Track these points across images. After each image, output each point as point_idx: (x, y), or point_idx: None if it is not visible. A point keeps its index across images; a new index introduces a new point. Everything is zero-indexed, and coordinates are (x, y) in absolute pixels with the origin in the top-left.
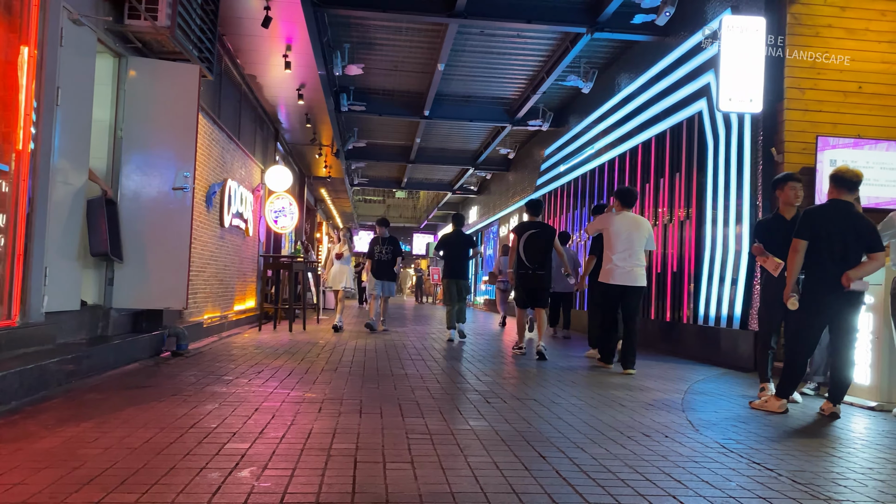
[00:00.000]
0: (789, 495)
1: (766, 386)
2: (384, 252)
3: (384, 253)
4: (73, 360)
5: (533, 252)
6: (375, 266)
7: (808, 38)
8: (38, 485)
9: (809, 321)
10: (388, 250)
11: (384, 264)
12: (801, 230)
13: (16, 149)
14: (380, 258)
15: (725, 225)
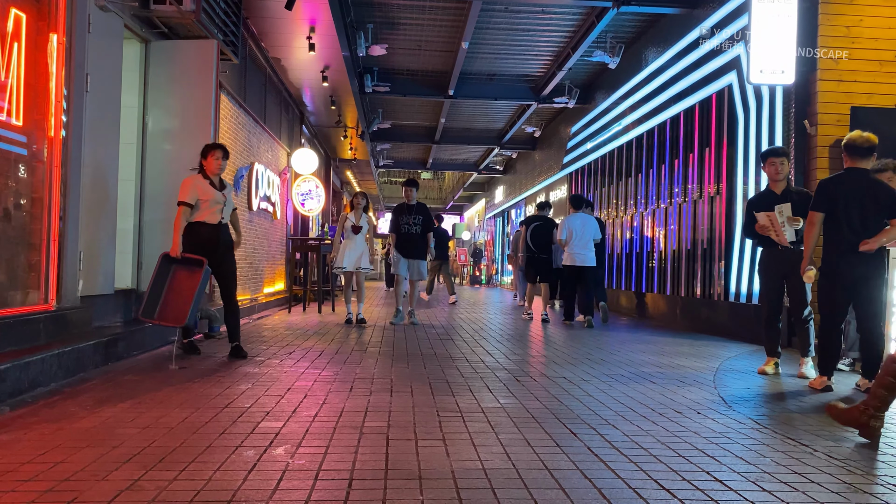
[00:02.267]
0: (825, 471)
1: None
2: (412, 223)
3: (412, 224)
4: (109, 342)
5: (538, 239)
6: (401, 242)
7: (842, 6)
8: (79, 463)
9: (832, 294)
10: (416, 221)
11: (412, 239)
12: (817, 202)
13: (48, 136)
14: (407, 231)
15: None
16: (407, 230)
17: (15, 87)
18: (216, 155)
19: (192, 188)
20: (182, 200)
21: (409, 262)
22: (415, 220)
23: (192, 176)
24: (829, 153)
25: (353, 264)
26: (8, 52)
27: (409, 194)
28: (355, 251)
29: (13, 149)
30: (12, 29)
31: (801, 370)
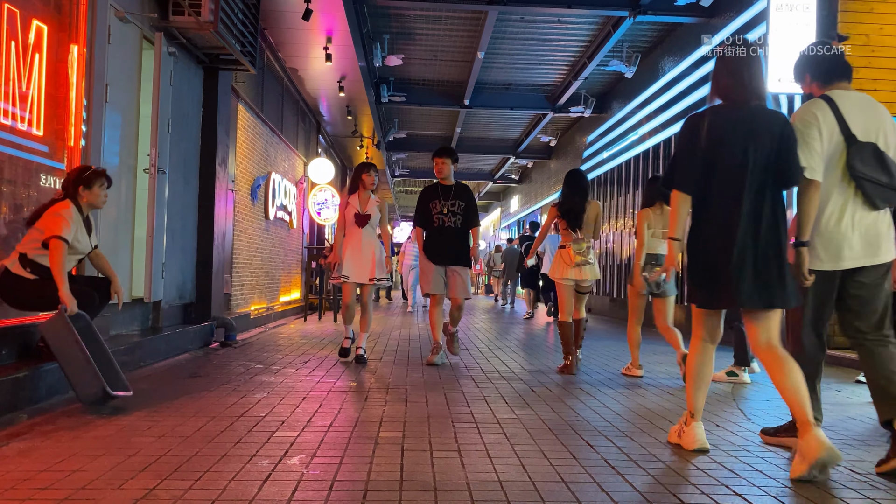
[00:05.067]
0: (848, 485)
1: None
2: (449, 212)
3: (449, 213)
4: (126, 350)
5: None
6: (432, 241)
7: (862, 15)
8: (95, 472)
9: None
10: (455, 209)
11: (449, 236)
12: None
13: (68, 146)
14: (441, 224)
15: None
16: (441, 222)
17: (36, 97)
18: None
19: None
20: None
21: (445, 272)
22: (453, 208)
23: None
24: None
25: (359, 273)
26: (29, 63)
27: (444, 168)
28: (361, 253)
29: (34, 158)
30: (34, 40)
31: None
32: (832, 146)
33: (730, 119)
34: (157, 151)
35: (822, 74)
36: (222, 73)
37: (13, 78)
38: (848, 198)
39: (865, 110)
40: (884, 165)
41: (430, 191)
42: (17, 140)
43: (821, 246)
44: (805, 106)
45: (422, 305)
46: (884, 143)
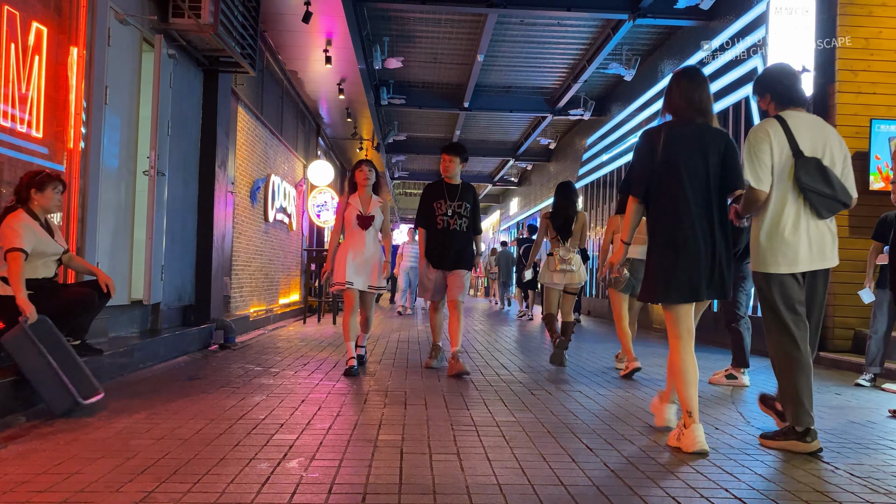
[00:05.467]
0: (847, 489)
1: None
2: (454, 213)
3: (455, 215)
4: (125, 353)
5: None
6: (435, 242)
7: (861, 18)
8: (94, 474)
9: None
10: (460, 209)
11: (453, 239)
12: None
13: (67, 148)
14: (445, 226)
15: None
16: (445, 224)
17: (36, 99)
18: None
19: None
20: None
21: (447, 276)
22: (459, 209)
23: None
24: None
25: (360, 279)
26: (29, 65)
27: (452, 166)
28: (362, 257)
29: (34, 160)
30: (34, 42)
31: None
32: (783, 160)
33: (681, 134)
34: (156, 153)
35: (782, 98)
36: (222, 76)
37: (13, 80)
38: (800, 208)
39: (813, 130)
40: (826, 179)
41: (434, 189)
42: (16, 142)
43: (780, 252)
44: (760, 124)
45: (421, 308)
46: (829, 160)
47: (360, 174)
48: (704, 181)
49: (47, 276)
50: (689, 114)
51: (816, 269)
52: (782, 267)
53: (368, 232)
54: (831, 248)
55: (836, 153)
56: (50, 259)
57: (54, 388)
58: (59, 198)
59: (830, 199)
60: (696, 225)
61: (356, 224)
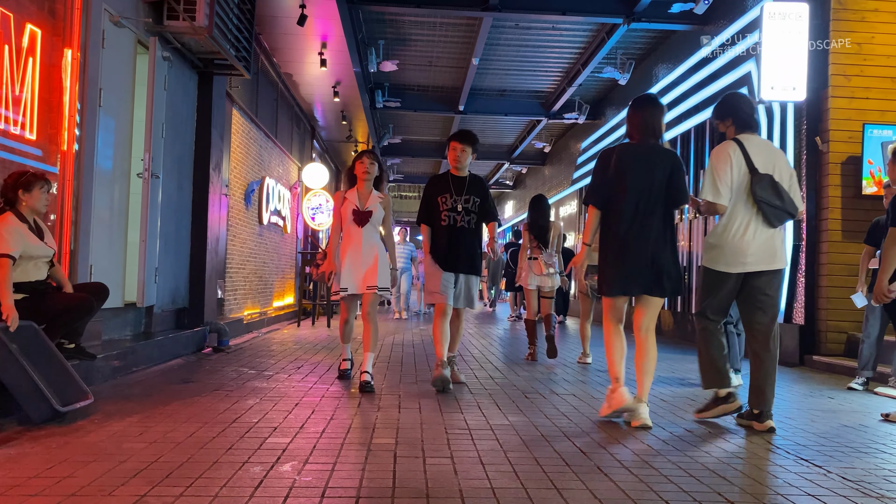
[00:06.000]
0: (840, 493)
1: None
2: (462, 209)
3: (462, 212)
4: (118, 356)
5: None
6: (441, 242)
7: (854, 23)
8: (86, 478)
9: None
10: (469, 205)
11: (460, 238)
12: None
13: (61, 150)
14: (451, 223)
15: None
16: (451, 220)
17: (29, 101)
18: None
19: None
20: (4, 253)
21: (454, 280)
22: (467, 205)
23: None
24: (841, 170)
25: (359, 281)
26: (23, 68)
27: (462, 156)
28: (361, 258)
29: (28, 162)
30: (27, 44)
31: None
32: (741, 177)
33: (634, 153)
34: (150, 156)
35: (742, 123)
36: (217, 78)
37: (6, 82)
38: (751, 217)
39: (765, 151)
40: (777, 193)
41: (439, 182)
42: (10, 144)
43: (729, 254)
44: (722, 146)
45: (414, 311)
46: (778, 176)
47: (359, 166)
48: (651, 195)
49: (40, 278)
50: (643, 136)
51: (765, 270)
52: (730, 267)
53: (366, 229)
54: (780, 253)
55: (784, 171)
56: (41, 261)
57: (31, 395)
58: (46, 197)
59: (780, 211)
60: (640, 233)
61: (352, 220)
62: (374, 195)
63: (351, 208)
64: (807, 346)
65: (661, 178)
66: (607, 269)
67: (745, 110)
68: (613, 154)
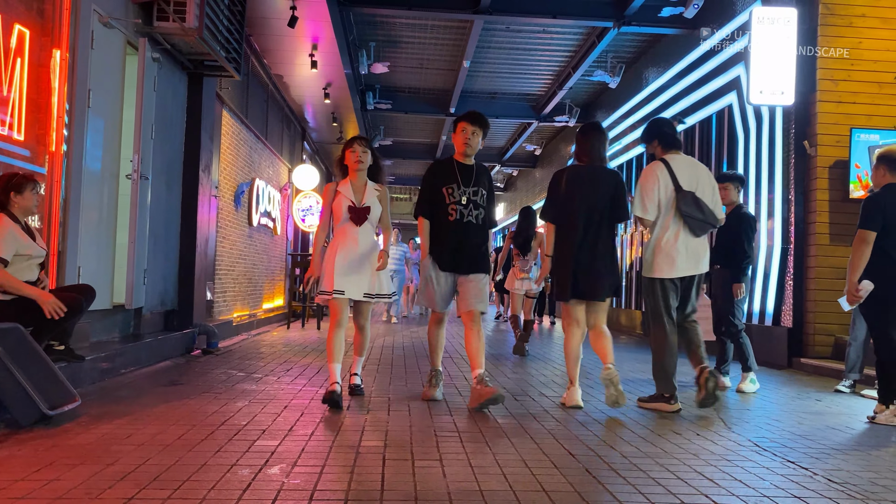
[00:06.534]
0: (825, 495)
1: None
2: (470, 203)
3: (470, 206)
4: (106, 358)
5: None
6: (444, 239)
7: (841, 29)
8: (73, 480)
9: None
10: (475, 198)
11: (464, 234)
12: (872, 220)
13: (49, 151)
14: (458, 219)
15: (757, 220)
16: (458, 215)
17: (17, 102)
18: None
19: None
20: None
21: (460, 282)
22: (475, 197)
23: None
24: (828, 174)
25: (357, 286)
26: (11, 68)
27: (472, 140)
28: (356, 258)
29: (16, 163)
30: (15, 45)
31: (739, 385)
32: (668, 194)
33: (582, 174)
34: (140, 157)
35: (667, 144)
36: (207, 80)
37: None
38: (679, 228)
39: (689, 169)
40: (699, 207)
41: (442, 170)
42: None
43: (664, 262)
44: (651, 167)
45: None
46: (701, 192)
47: (351, 155)
48: (595, 212)
49: (31, 279)
50: (591, 159)
51: (692, 275)
52: (665, 273)
53: (363, 228)
54: (704, 259)
55: (706, 186)
56: (34, 262)
57: (18, 398)
58: (36, 198)
59: (702, 222)
60: (589, 246)
61: (347, 218)
62: (371, 188)
63: (346, 204)
64: (794, 348)
65: (605, 196)
66: (561, 277)
67: (667, 132)
68: (564, 175)
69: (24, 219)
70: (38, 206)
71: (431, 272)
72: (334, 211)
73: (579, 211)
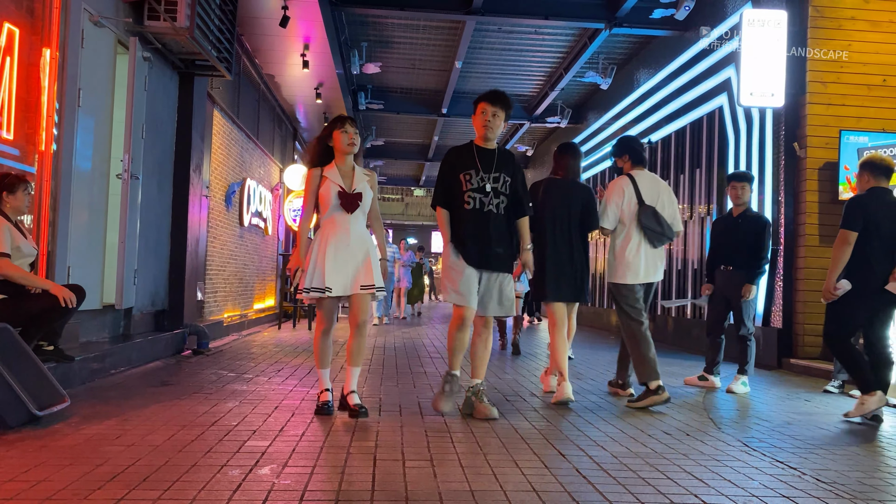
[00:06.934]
0: (814, 494)
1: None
2: (491, 191)
3: (491, 194)
4: (96, 358)
5: None
6: (464, 229)
7: (831, 31)
8: (62, 481)
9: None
10: (499, 187)
11: (489, 225)
12: (854, 220)
13: (39, 150)
14: (477, 208)
15: None
16: (477, 204)
17: (7, 100)
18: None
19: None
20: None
21: (483, 279)
22: (496, 184)
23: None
24: (818, 175)
25: (348, 279)
26: (0, 67)
27: (494, 122)
28: (348, 249)
29: (4, 162)
30: (5, 43)
31: (730, 385)
32: (632, 207)
33: (557, 187)
34: (130, 157)
35: (636, 160)
36: (198, 79)
37: None
38: (640, 239)
39: (651, 185)
40: (658, 221)
41: (461, 155)
42: None
43: (628, 269)
44: (618, 180)
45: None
46: (660, 206)
47: (341, 136)
48: (567, 221)
49: None
50: (566, 174)
51: (650, 281)
52: (629, 279)
53: (354, 216)
54: (661, 268)
55: (667, 202)
56: (26, 261)
57: (6, 399)
58: (28, 199)
59: (660, 235)
60: (561, 252)
61: (337, 206)
62: (360, 173)
63: (335, 190)
64: (784, 349)
65: (577, 206)
66: (543, 281)
67: (637, 149)
68: (540, 186)
69: (15, 218)
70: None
71: (455, 262)
72: (321, 198)
73: (552, 221)
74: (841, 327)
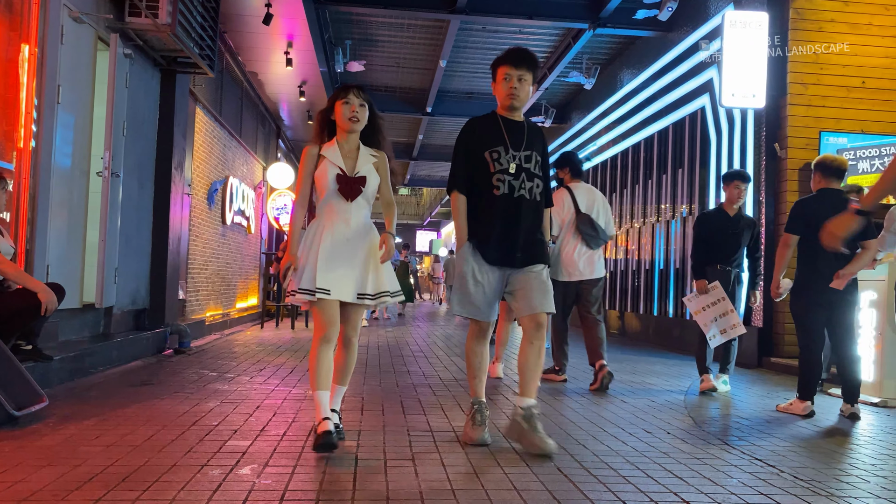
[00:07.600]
0: (791, 492)
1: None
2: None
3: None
4: (76, 357)
5: None
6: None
7: (811, 33)
8: (39, 482)
9: (809, 316)
10: (531, 167)
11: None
12: (794, 223)
13: (17, 147)
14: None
15: None
16: (507, 188)
17: None
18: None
19: None
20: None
21: (506, 277)
22: (528, 164)
23: None
24: (798, 176)
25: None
26: None
27: (521, 88)
28: (347, 245)
29: None
30: None
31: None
32: (570, 215)
33: None
34: (111, 154)
35: (574, 173)
36: (180, 76)
37: None
38: (578, 242)
39: (587, 194)
40: (594, 226)
41: (485, 128)
42: None
43: (565, 268)
44: (558, 192)
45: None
46: (595, 214)
47: (343, 108)
48: None
49: None
50: None
51: (589, 279)
52: (564, 277)
53: (356, 204)
54: (598, 266)
55: (601, 209)
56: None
57: None
58: (5, 196)
59: (596, 238)
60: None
61: (335, 191)
62: (365, 153)
63: (333, 173)
64: (764, 348)
65: None
66: None
67: (576, 163)
68: None
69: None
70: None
71: (473, 265)
72: (317, 182)
73: None
74: (806, 334)
